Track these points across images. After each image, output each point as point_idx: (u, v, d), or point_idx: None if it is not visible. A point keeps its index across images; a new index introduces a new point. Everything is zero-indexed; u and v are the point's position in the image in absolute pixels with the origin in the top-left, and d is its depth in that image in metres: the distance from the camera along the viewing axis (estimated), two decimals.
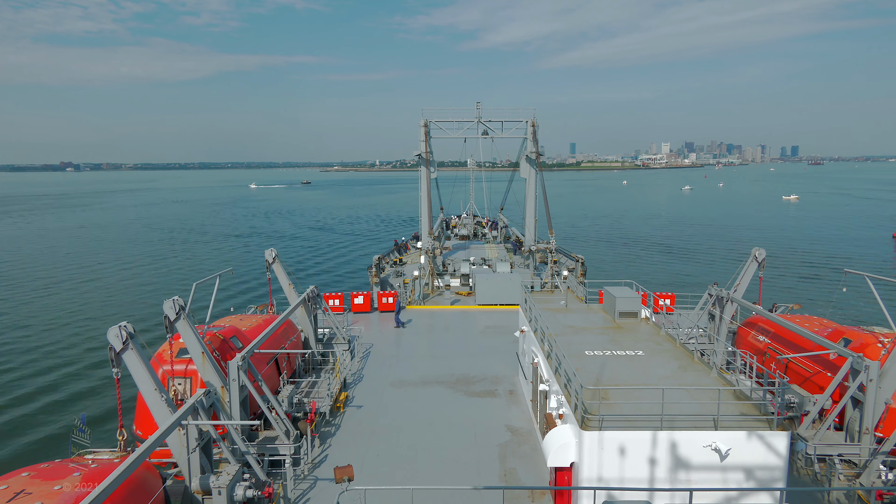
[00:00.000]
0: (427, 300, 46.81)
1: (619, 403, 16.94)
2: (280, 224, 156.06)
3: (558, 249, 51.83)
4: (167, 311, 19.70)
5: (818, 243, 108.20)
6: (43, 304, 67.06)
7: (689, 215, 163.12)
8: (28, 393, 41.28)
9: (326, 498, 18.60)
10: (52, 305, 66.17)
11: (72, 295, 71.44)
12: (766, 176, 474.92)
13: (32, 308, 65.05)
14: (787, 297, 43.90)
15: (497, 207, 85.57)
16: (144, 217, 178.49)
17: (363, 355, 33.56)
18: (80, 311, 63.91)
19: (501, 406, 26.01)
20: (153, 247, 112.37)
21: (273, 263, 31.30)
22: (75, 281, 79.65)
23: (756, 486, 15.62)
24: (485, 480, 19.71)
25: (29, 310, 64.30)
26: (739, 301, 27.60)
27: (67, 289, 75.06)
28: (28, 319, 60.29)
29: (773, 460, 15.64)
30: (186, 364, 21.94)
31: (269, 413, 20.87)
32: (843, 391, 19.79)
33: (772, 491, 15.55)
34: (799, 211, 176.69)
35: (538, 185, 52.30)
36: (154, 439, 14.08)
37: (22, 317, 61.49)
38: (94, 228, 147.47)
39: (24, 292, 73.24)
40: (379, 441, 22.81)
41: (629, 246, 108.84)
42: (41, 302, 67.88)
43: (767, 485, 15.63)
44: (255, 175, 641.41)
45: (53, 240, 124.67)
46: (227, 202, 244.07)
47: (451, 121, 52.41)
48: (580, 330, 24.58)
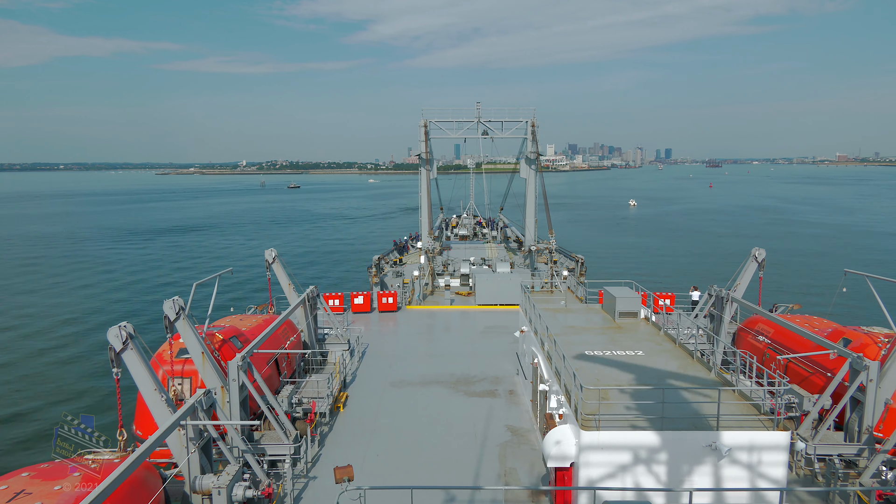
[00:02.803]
0: (427, 300, 46.81)
1: (619, 403, 16.94)
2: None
3: (558, 249, 51.82)
4: (167, 311, 19.70)
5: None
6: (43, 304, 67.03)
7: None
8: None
9: (326, 498, 18.58)
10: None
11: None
12: (684, 177, 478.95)
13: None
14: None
15: (497, 207, 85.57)
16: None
17: (363, 355, 33.56)
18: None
19: (501, 406, 26.00)
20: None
21: (273, 263, 31.29)
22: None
23: (756, 487, 15.62)
24: (485, 480, 19.70)
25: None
26: (739, 301, 27.61)
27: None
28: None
29: (773, 460, 15.64)
30: (186, 364, 21.94)
31: (269, 413, 20.86)
32: (843, 391, 19.78)
33: (772, 491, 15.54)
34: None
35: (538, 185, 52.32)
36: (154, 439, 14.07)
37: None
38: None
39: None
40: (379, 441, 22.81)
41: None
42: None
43: (767, 485, 15.63)
44: (84, 179, 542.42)
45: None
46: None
47: (450, 121, 52.42)
48: (580, 330, 24.57)
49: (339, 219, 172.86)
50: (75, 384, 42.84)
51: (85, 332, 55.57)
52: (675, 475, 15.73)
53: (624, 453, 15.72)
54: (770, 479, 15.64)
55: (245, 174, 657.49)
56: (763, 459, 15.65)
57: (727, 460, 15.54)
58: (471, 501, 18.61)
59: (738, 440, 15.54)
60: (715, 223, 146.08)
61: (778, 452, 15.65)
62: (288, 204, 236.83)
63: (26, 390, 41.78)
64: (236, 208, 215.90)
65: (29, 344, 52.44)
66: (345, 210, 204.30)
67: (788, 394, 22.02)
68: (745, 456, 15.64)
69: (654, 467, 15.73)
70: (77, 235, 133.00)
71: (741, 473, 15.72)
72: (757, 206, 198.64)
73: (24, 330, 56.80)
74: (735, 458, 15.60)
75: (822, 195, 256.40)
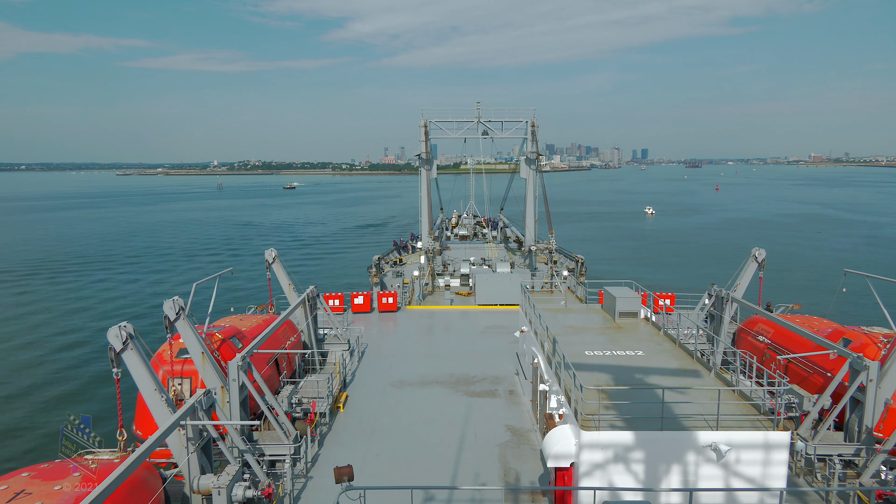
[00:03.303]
0: (427, 300, 46.81)
1: (619, 403, 16.94)
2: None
3: (558, 249, 51.85)
4: (167, 311, 19.70)
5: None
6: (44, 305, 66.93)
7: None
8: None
9: (326, 498, 18.58)
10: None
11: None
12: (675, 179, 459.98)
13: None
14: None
15: (497, 207, 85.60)
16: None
17: (363, 355, 33.56)
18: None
19: (501, 406, 26.00)
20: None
21: (273, 263, 31.29)
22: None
23: (756, 486, 15.62)
24: (485, 480, 19.70)
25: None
26: (739, 301, 27.60)
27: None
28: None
29: (773, 460, 15.64)
30: (186, 364, 21.93)
31: (269, 413, 20.86)
32: (843, 391, 19.78)
33: (772, 491, 15.54)
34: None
35: (538, 185, 52.34)
36: (154, 439, 14.07)
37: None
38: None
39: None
40: (379, 441, 22.80)
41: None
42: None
43: (767, 485, 15.63)
44: (37, 180, 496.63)
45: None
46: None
47: (450, 121, 52.48)
48: (580, 330, 24.57)
49: (287, 242, 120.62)
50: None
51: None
52: (675, 475, 15.73)
53: (624, 453, 15.72)
54: (770, 479, 15.64)
55: (214, 174, 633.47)
56: (763, 459, 15.65)
57: (727, 460, 15.54)
58: (471, 501, 18.61)
59: (738, 440, 15.54)
60: (781, 240, 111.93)
61: (778, 452, 15.65)
62: (228, 213, 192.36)
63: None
64: (157, 218, 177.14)
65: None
66: (299, 224, 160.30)
67: (788, 394, 22.02)
68: (745, 456, 15.64)
69: (654, 467, 15.73)
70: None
71: (741, 473, 15.72)
72: (802, 214, 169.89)
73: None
74: (735, 458, 15.60)
75: (852, 198, 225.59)
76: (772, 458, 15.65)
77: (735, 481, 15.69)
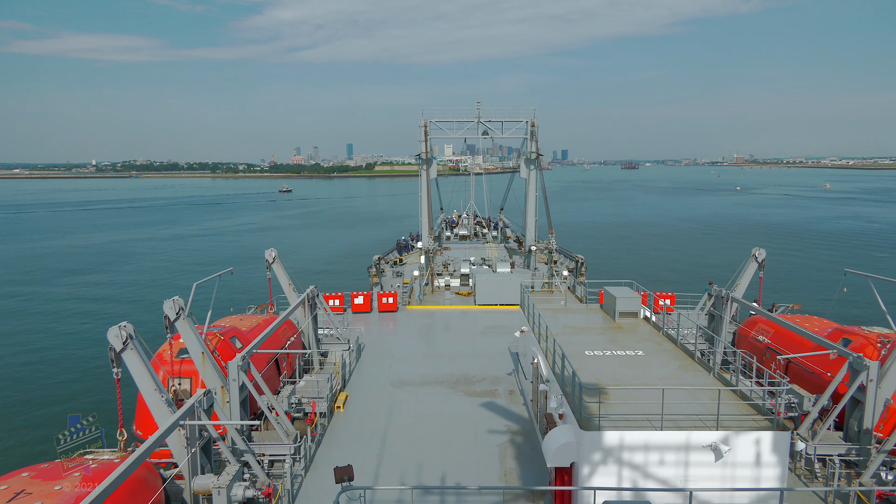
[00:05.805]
0: (427, 300, 46.81)
1: (619, 403, 16.93)
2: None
3: (558, 249, 51.86)
4: (167, 311, 19.70)
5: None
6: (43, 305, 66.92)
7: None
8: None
9: (326, 498, 18.58)
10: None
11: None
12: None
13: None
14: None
15: (497, 207, 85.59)
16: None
17: (363, 355, 33.56)
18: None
19: (501, 406, 26.00)
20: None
21: (273, 263, 31.28)
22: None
23: (756, 487, 15.62)
24: (485, 480, 19.70)
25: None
26: (739, 301, 27.60)
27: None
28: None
29: (773, 460, 15.63)
30: (186, 364, 21.93)
31: (269, 413, 20.86)
32: (843, 391, 19.78)
33: (772, 491, 15.54)
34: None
35: (538, 186, 52.37)
36: (154, 439, 14.07)
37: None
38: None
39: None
40: (379, 441, 22.81)
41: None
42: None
43: (767, 485, 15.62)
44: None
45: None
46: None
47: (450, 121, 52.51)
48: (580, 330, 24.57)
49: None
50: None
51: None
52: (675, 475, 15.72)
53: (624, 453, 15.70)
54: (770, 479, 15.63)
55: (83, 177, 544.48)
56: (763, 459, 15.64)
57: (727, 460, 15.53)
58: (471, 501, 18.61)
59: (738, 440, 15.53)
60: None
61: (778, 453, 15.64)
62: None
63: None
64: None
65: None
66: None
67: (788, 394, 22.02)
68: (745, 456, 15.63)
69: (654, 467, 15.72)
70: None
71: (741, 473, 15.71)
72: (852, 231, 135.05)
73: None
74: (735, 458, 15.59)
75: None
76: (772, 458, 15.64)
77: (735, 481, 15.68)
